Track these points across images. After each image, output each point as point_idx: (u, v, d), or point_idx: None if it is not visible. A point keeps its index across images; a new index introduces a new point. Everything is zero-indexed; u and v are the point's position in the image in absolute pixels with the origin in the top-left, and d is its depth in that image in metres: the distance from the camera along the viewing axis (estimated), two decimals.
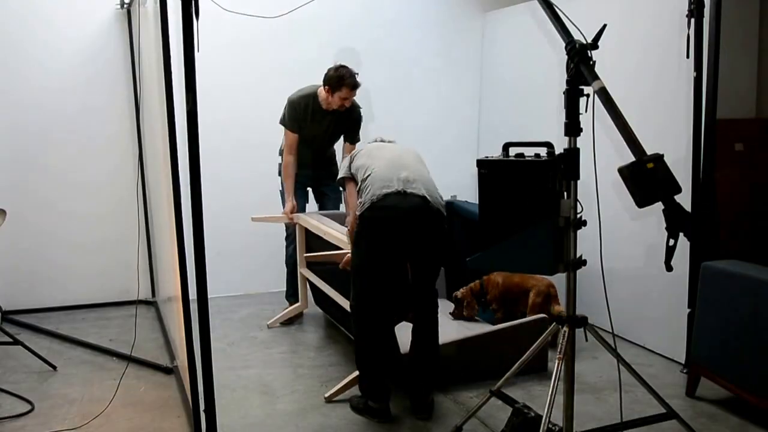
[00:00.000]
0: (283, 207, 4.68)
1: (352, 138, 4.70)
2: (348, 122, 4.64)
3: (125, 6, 4.97)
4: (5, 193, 4.68)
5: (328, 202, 4.88)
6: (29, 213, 4.91)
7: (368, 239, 3.21)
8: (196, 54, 2.54)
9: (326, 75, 4.41)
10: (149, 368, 3.90)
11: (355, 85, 4.38)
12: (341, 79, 4.34)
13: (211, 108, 4.70)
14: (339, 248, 3.88)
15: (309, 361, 4.02)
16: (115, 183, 5.06)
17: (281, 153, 4.73)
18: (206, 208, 2.64)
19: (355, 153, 3.58)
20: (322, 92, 4.47)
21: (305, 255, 4.48)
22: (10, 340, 3.90)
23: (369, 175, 3.29)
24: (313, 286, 4.55)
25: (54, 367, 3.90)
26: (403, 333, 3.40)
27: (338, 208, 4.96)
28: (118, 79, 5.06)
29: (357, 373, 3.39)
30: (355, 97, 4.54)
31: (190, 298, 2.75)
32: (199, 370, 2.78)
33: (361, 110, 4.69)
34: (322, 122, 4.58)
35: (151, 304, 5.19)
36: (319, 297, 4.53)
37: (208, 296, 2.69)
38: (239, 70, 5.25)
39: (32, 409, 3.36)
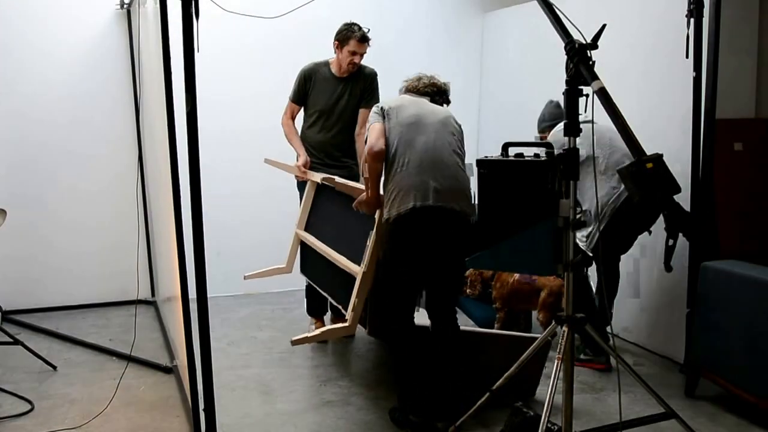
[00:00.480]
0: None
1: (369, 101, 4.24)
2: (362, 85, 4.30)
3: (125, 6, 4.98)
4: (5, 193, 4.68)
5: None
6: (29, 213, 4.91)
7: (394, 252, 3.09)
8: (196, 54, 2.55)
9: (337, 32, 4.23)
10: (149, 368, 3.90)
11: (364, 37, 4.16)
12: (350, 30, 4.15)
13: (211, 108, 4.70)
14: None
15: (308, 361, 4.02)
16: (115, 183, 5.06)
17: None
18: (206, 208, 2.65)
19: (391, 108, 3.21)
20: (334, 58, 4.29)
21: (324, 177, 3.82)
22: (10, 340, 3.90)
23: (397, 171, 3.05)
24: (303, 252, 4.30)
25: (54, 367, 3.90)
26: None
27: None
28: (118, 79, 5.07)
29: (334, 326, 3.42)
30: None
31: (190, 297, 2.76)
32: (198, 370, 2.79)
33: (376, 73, 4.36)
34: (333, 90, 4.27)
35: (150, 303, 5.19)
36: (309, 264, 4.25)
37: (208, 296, 2.69)
38: (239, 70, 5.25)
39: (32, 409, 3.36)
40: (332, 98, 4.26)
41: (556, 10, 2.53)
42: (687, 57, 3.55)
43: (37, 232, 5.00)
